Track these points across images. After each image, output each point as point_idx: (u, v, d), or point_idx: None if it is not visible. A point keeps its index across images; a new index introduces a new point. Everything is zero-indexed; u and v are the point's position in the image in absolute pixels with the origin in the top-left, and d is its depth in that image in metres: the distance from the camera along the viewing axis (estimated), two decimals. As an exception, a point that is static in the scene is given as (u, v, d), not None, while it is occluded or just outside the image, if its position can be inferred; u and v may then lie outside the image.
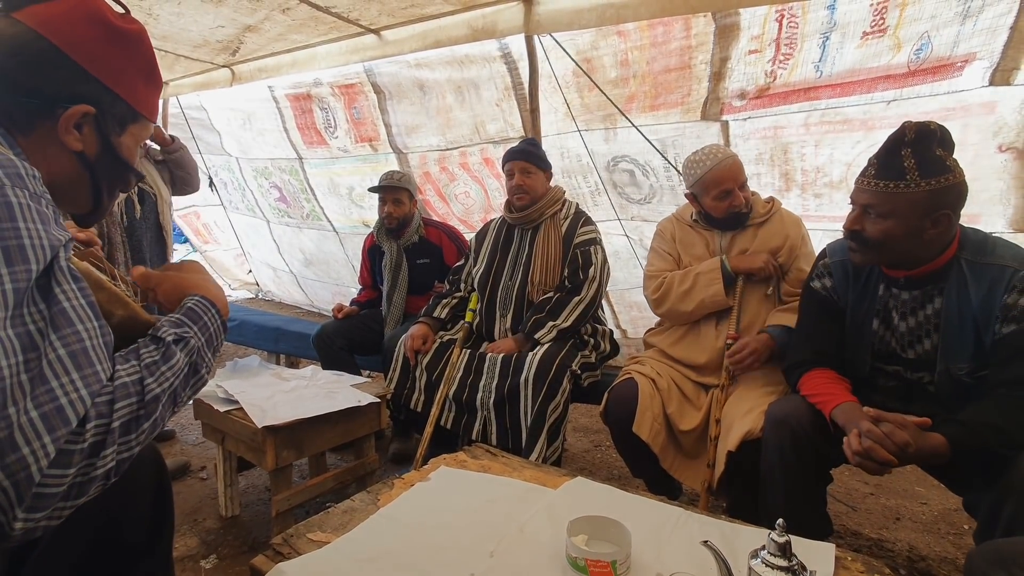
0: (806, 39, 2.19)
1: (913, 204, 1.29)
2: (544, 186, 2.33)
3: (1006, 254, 1.33)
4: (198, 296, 0.91)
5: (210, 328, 0.89)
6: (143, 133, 0.92)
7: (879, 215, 1.32)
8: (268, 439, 1.79)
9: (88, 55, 0.81)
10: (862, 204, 1.36)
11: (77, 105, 0.80)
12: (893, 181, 1.29)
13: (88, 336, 0.67)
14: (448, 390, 2.21)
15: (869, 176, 1.35)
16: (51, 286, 0.66)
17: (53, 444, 0.61)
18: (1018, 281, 1.28)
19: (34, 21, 0.78)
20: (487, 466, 1.43)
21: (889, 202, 1.30)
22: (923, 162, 1.28)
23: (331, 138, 3.88)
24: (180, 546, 1.94)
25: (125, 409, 0.69)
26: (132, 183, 0.95)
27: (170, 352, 0.78)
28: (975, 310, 1.33)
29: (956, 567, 1.88)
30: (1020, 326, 1.27)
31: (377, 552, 1.05)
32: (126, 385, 0.70)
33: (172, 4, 2.74)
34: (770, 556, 0.87)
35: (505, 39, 2.77)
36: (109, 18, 0.84)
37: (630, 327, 3.81)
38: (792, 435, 1.46)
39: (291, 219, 4.80)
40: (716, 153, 1.93)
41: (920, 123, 1.31)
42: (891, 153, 1.31)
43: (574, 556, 1.00)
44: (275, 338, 3.39)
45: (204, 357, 0.86)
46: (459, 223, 3.80)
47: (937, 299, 1.38)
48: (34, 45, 0.78)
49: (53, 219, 0.71)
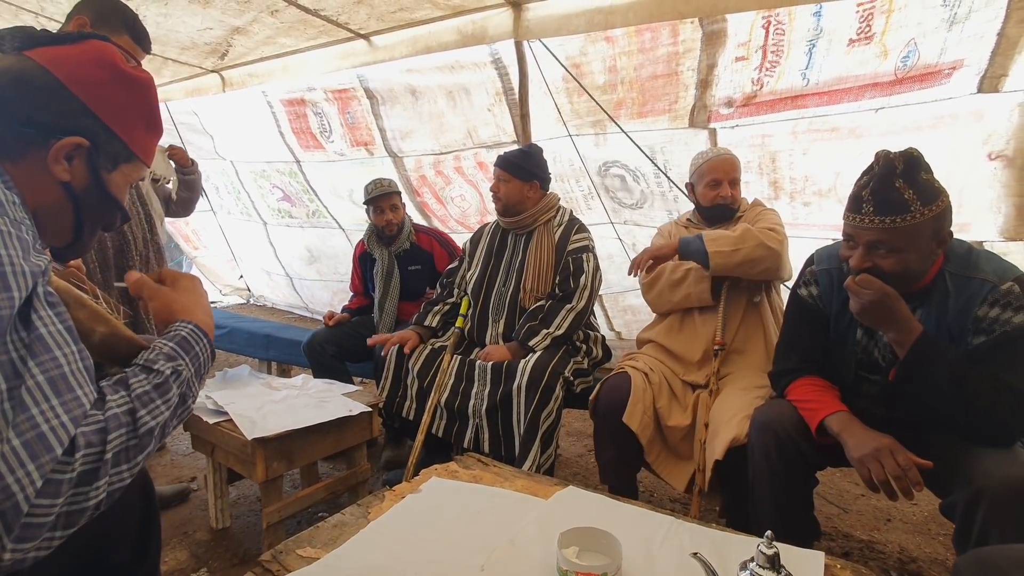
0: (793, 46, 2.19)
1: (921, 233, 1.29)
2: (521, 194, 2.31)
3: (988, 268, 1.34)
4: (192, 325, 0.90)
5: (200, 358, 0.88)
6: (135, 174, 0.92)
7: (891, 250, 1.31)
8: (258, 451, 1.78)
9: (91, 92, 0.83)
10: (868, 242, 1.33)
11: (71, 137, 0.81)
12: (899, 216, 1.28)
13: (67, 361, 0.66)
14: (439, 397, 2.21)
15: (869, 214, 1.30)
16: (29, 312, 0.66)
17: (38, 472, 0.61)
18: (992, 295, 1.30)
19: (43, 58, 0.81)
20: (479, 476, 1.43)
21: (901, 237, 1.29)
22: (920, 191, 1.28)
23: (327, 142, 3.88)
24: (170, 559, 1.92)
25: (117, 440, 0.69)
26: (117, 222, 0.94)
27: (167, 386, 0.79)
28: (949, 322, 1.35)
29: (946, 568, 1.89)
30: (989, 338, 1.29)
31: (367, 568, 1.04)
32: (117, 416, 0.70)
33: (159, 5, 2.73)
34: (759, 568, 0.88)
35: (495, 45, 2.77)
36: (119, 63, 0.87)
37: (624, 330, 3.82)
38: (777, 440, 1.47)
39: (294, 219, 4.78)
40: (719, 150, 2.13)
41: (902, 152, 1.30)
42: (887, 187, 1.29)
43: (565, 569, 1.00)
44: (265, 345, 3.37)
45: (192, 388, 0.86)
46: (457, 224, 3.81)
47: (919, 310, 1.40)
48: (39, 79, 0.80)
49: (32, 245, 0.71)
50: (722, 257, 1.87)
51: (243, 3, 2.71)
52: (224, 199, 5.14)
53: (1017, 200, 2.09)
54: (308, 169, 4.21)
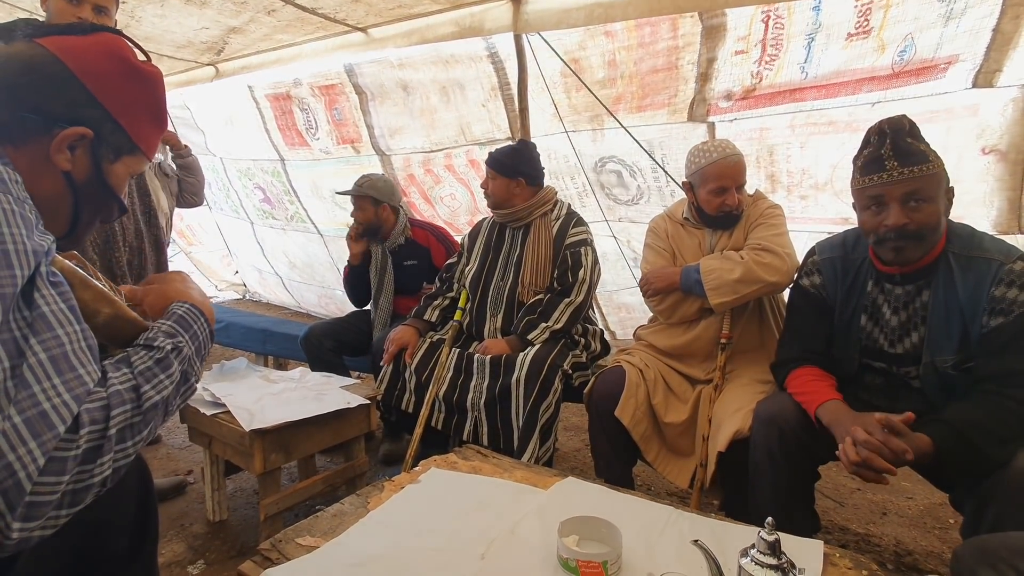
0: (791, 40, 2.20)
1: (940, 183, 1.34)
2: (507, 191, 2.30)
3: (992, 247, 1.36)
4: (187, 304, 0.91)
5: (200, 336, 0.89)
6: (136, 167, 0.92)
7: (924, 199, 1.32)
8: (256, 442, 1.77)
9: (100, 84, 0.83)
10: (902, 195, 1.32)
11: (76, 127, 0.81)
12: (923, 164, 1.32)
13: (69, 340, 0.66)
14: (438, 390, 2.20)
15: (895, 168, 1.32)
16: (32, 291, 0.65)
17: (40, 449, 0.60)
18: (1005, 274, 1.30)
19: (55, 47, 0.81)
20: (478, 467, 1.42)
21: (932, 184, 1.32)
22: (927, 145, 1.35)
23: (312, 139, 3.85)
24: (167, 552, 1.91)
25: (121, 416, 0.69)
26: (115, 214, 0.94)
27: (168, 361, 0.79)
28: (961, 302, 1.35)
29: (942, 561, 1.90)
30: (1008, 319, 1.29)
31: (366, 557, 1.04)
32: (120, 393, 0.71)
33: (155, 6, 2.71)
34: (759, 554, 0.88)
35: (491, 39, 2.76)
36: (129, 57, 0.87)
37: (619, 328, 3.82)
38: (780, 433, 1.47)
39: (276, 220, 4.76)
40: (724, 148, 1.89)
41: (901, 116, 1.38)
42: (903, 143, 1.33)
43: (565, 557, 1.00)
44: (263, 340, 3.35)
45: (194, 366, 0.86)
46: (445, 225, 3.77)
47: (925, 292, 1.40)
48: (49, 67, 0.80)
49: (35, 224, 0.70)
50: (725, 302, 1.82)
51: (240, 3, 2.69)
52: (216, 195, 5.13)
53: (1010, 194, 2.11)
54: (291, 168, 4.18)
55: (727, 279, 1.79)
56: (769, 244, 1.80)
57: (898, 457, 1.19)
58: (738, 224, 1.96)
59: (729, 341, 1.89)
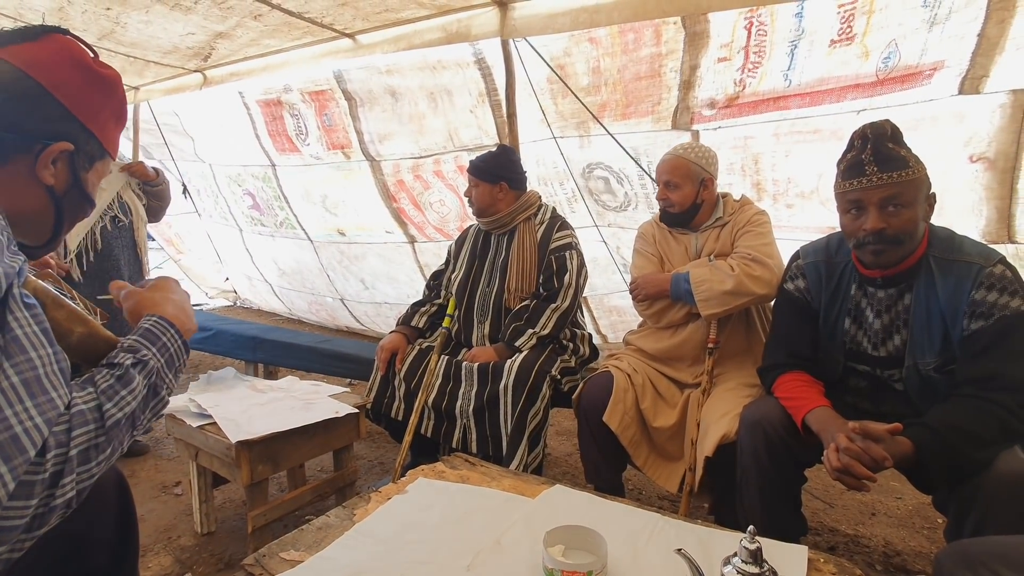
0: (775, 47, 2.20)
1: (920, 189, 1.35)
2: (491, 197, 2.30)
3: (972, 251, 1.37)
4: (155, 316, 0.91)
5: (170, 348, 0.89)
6: (105, 169, 0.95)
7: (902, 205, 1.34)
8: (242, 454, 1.76)
9: (71, 96, 0.84)
10: (880, 200, 1.34)
11: (58, 143, 0.83)
12: (903, 170, 1.33)
13: (41, 363, 0.66)
14: (427, 398, 2.20)
15: (875, 173, 1.34)
16: (5, 314, 0.65)
17: (11, 474, 0.60)
18: (984, 277, 1.32)
19: (20, 61, 0.81)
20: (466, 476, 1.42)
21: (910, 190, 1.33)
22: (908, 151, 1.37)
23: (303, 145, 3.83)
24: (154, 565, 1.89)
25: (83, 437, 0.69)
26: (87, 215, 0.97)
27: (129, 376, 0.79)
28: (942, 306, 1.36)
29: (930, 561, 1.91)
30: (988, 322, 1.30)
31: (351, 571, 1.04)
32: (83, 412, 0.70)
33: (140, 12, 2.69)
34: (741, 563, 0.88)
35: (478, 44, 2.76)
36: (89, 63, 0.88)
37: (610, 332, 3.82)
38: (766, 437, 1.48)
39: (264, 227, 4.73)
40: (676, 147, 2.02)
41: (884, 120, 1.39)
42: (884, 148, 1.35)
43: (550, 567, 1.00)
44: (252, 347, 3.34)
45: (164, 378, 0.86)
46: (435, 232, 3.77)
47: (907, 295, 1.41)
48: (21, 84, 0.81)
49: (6, 246, 0.70)
50: (715, 313, 1.83)
51: (226, 9, 2.68)
52: (205, 202, 5.10)
53: (999, 203, 2.09)
54: (282, 174, 4.16)
55: (718, 290, 1.81)
56: (758, 255, 1.82)
57: (878, 464, 1.20)
58: (718, 226, 1.99)
59: (716, 345, 1.91)
